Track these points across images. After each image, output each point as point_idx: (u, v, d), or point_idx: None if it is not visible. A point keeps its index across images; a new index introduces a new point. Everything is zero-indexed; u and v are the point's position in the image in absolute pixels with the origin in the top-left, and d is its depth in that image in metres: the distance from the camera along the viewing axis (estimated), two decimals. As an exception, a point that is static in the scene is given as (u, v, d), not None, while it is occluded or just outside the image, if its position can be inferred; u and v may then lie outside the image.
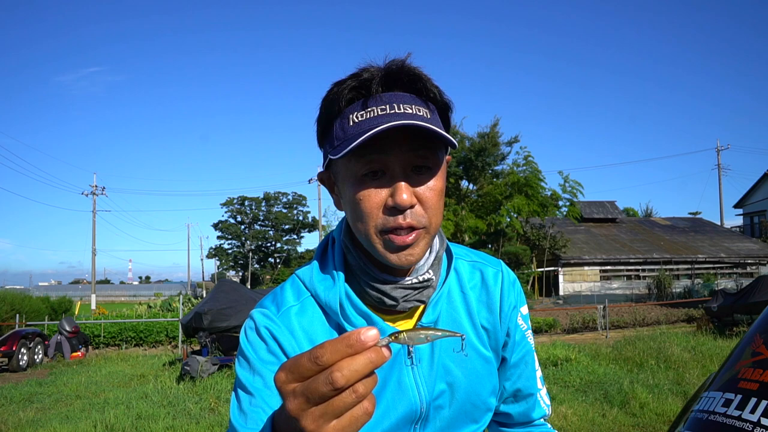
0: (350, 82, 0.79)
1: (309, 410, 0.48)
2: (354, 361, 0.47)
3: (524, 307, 1.01)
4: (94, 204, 36.63)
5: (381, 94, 0.77)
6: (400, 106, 0.76)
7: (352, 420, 0.48)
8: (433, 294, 0.86)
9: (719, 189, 36.02)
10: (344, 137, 0.77)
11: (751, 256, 24.85)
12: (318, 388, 0.47)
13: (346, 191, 0.80)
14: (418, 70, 0.80)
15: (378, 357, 0.48)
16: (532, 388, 1.01)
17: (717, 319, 11.89)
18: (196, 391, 7.43)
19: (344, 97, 0.78)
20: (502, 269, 0.98)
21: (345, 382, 0.46)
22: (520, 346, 0.98)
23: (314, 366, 0.48)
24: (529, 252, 23.69)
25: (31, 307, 17.11)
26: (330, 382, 0.46)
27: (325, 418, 0.48)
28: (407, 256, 0.78)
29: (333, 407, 0.47)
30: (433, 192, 0.79)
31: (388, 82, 0.78)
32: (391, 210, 0.76)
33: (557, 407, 5.69)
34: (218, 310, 9.23)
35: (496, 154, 24.41)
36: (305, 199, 56.17)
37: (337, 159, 0.78)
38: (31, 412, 6.74)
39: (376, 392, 0.82)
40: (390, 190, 0.76)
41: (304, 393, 0.48)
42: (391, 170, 0.76)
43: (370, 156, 0.75)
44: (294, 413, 0.48)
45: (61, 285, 65.69)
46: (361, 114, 0.76)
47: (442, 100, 0.82)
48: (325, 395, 0.47)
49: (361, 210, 0.77)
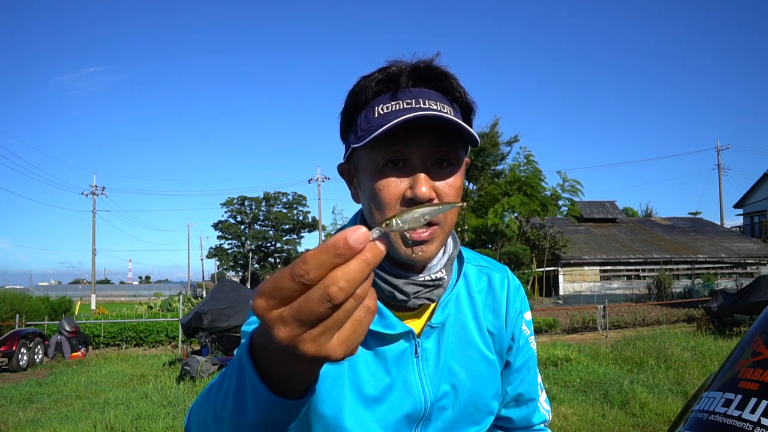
0: (378, 75, 0.79)
1: (305, 334, 0.41)
2: (348, 270, 0.40)
3: (528, 312, 1.02)
4: (94, 204, 36.65)
5: (408, 89, 0.78)
6: (426, 102, 0.77)
7: (355, 325, 0.42)
8: (443, 294, 0.86)
9: (719, 189, 36.05)
10: (369, 128, 0.77)
11: (751, 256, 24.84)
12: (313, 309, 0.40)
13: (365, 182, 0.80)
14: (445, 68, 0.80)
15: (374, 255, 0.41)
16: (534, 393, 1.01)
17: (717, 319, 11.89)
18: (196, 391, 7.43)
19: (371, 89, 0.78)
20: (508, 275, 0.99)
21: (344, 296, 0.40)
22: (524, 351, 0.99)
23: (300, 286, 0.40)
24: (529, 252, 23.68)
25: (31, 307, 17.10)
26: (327, 299, 0.39)
27: (326, 335, 0.41)
28: (422, 252, 0.77)
29: (333, 321, 0.41)
30: (452, 188, 0.79)
31: (415, 77, 0.79)
32: (409, 202, 0.76)
33: (557, 407, 5.69)
34: (218, 310, 9.23)
35: (496, 153, 24.45)
36: (305, 199, 56.28)
37: (359, 148, 0.78)
38: (31, 412, 6.73)
39: (382, 391, 0.82)
40: (410, 182, 0.76)
41: (296, 317, 0.40)
42: (412, 162, 0.77)
43: (393, 147, 0.76)
44: (288, 341, 0.41)
45: (61, 285, 65.71)
46: (387, 106, 0.77)
47: (466, 100, 0.83)
48: (322, 315, 0.40)
49: (380, 200, 0.77)
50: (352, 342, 0.42)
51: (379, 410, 0.82)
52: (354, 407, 0.81)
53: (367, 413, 0.81)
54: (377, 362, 0.83)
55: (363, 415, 0.81)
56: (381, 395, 0.82)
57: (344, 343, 0.42)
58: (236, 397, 0.53)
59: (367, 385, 0.82)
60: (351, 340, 0.42)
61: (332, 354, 0.42)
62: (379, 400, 0.82)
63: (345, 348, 0.42)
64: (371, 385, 0.82)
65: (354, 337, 0.42)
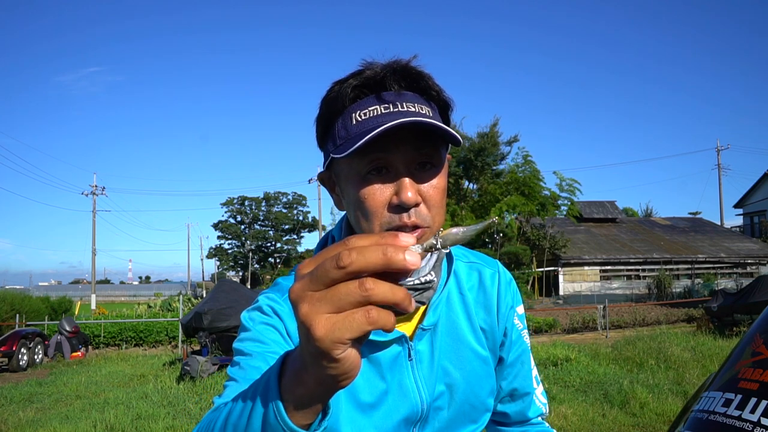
0: (352, 80, 0.78)
1: (309, 293, 0.42)
2: (366, 247, 0.42)
3: (520, 306, 1.01)
4: (94, 204, 36.66)
5: (384, 93, 0.77)
6: (404, 104, 0.76)
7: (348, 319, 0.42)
8: (433, 296, 0.86)
9: (719, 189, 36.05)
10: (347, 136, 0.76)
11: (751, 256, 24.84)
12: (324, 265, 0.42)
13: (348, 190, 0.79)
14: (420, 68, 0.79)
15: (395, 251, 0.41)
16: (528, 387, 1.01)
17: (717, 319, 11.88)
18: (196, 391, 7.43)
19: (347, 96, 0.77)
20: (499, 269, 0.99)
21: (349, 262, 0.41)
22: (517, 346, 0.99)
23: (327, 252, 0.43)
24: (529, 252, 23.68)
25: (31, 307, 17.09)
26: (335, 258, 0.41)
27: (322, 303, 0.42)
28: None
29: (332, 293, 0.42)
30: (437, 190, 0.78)
31: (390, 80, 0.77)
32: (395, 208, 0.75)
33: (557, 407, 5.69)
34: (218, 310, 9.23)
35: (495, 153, 24.45)
36: (305, 199, 56.22)
37: (339, 158, 0.77)
38: (31, 412, 6.73)
39: (378, 397, 0.82)
40: (395, 189, 0.75)
41: (312, 275, 0.43)
42: (395, 168, 0.76)
43: (374, 154, 0.74)
44: (294, 295, 0.43)
45: (61, 285, 65.65)
46: (365, 112, 0.76)
47: (443, 98, 0.82)
48: (327, 274, 0.41)
49: (366, 208, 0.76)
50: (336, 330, 0.42)
51: (376, 416, 0.82)
52: (351, 415, 0.81)
53: (364, 420, 0.81)
54: (371, 369, 0.83)
55: (360, 422, 0.81)
56: (377, 401, 0.82)
57: (330, 324, 0.42)
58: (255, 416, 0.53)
59: (362, 393, 0.82)
60: (336, 326, 0.42)
61: (315, 325, 0.42)
62: (375, 406, 0.82)
63: (327, 328, 0.42)
64: (367, 392, 0.82)
65: (339, 327, 0.42)
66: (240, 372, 0.75)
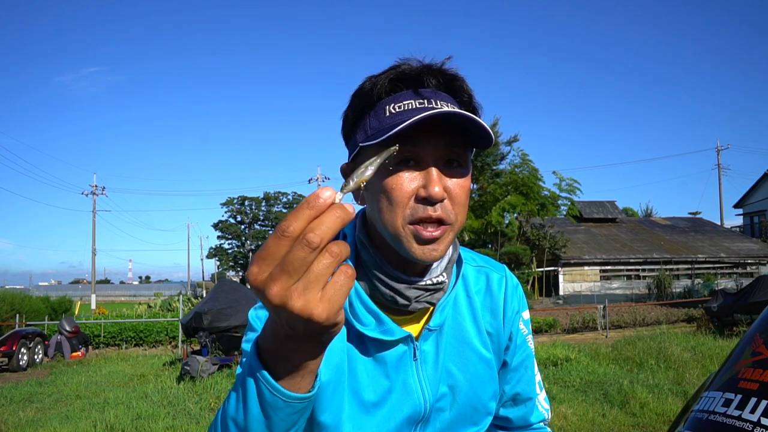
0: (389, 74, 0.79)
1: (293, 287, 0.46)
2: (322, 220, 0.46)
3: (526, 312, 1.02)
4: (94, 204, 36.66)
5: (419, 89, 0.78)
6: (438, 102, 0.77)
7: (336, 287, 0.47)
8: (442, 297, 0.86)
9: (719, 189, 36.05)
10: (380, 127, 0.77)
11: (751, 256, 24.84)
12: (296, 255, 0.45)
13: (374, 181, 0.79)
14: (455, 70, 0.81)
15: (344, 212, 0.47)
16: (531, 392, 1.01)
17: (717, 319, 11.88)
18: (196, 391, 7.43)
19: (383, 88, 0.78)
20: (506, 274, 0.99)
21: (320, 241, 0.45)
22: (521, 351, 0.99)
23: (284, 240, 0.46)
24: (529, 252, 23.68)
25: (31, 307, 17.09)
26: (306, 244, 0.45)
27: (310, 289, 0.46)
28: (432, 251, 0.77)
29: (315, 274, 0.46)
30: (463, 189, 0.79)
31: (426, 77, 0.79)
32: (422, 200, 0.75)
33: (557, 407, 5.69)
34: (218, 310, 9.23)
35: (495, 153, 24.44)
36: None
37: (367, 147, 0.78)
38: (31, 412, 6.73)
39: (382, 395, 0.83)
40: (422, 181, 0.76)
41: (284, 269, 0.45)
42: (424, 162, 0.76)
43: (405, 146, 0.75)
44: (278, 297, 0.46)
45: (61, 285, 65.62)
46: (399, 105, 0.77)
47: (473, 104, 0.83)
48: (303, 260, 0.45)
49: (393, 198, 0.76)
50: (334, 302, 0.47)
51: (379, 414, 0.82)
52: (353, 413, 0.81)
53: (366, 418, 0.82)
54: (377, 367, 0.83)
55: (363, 421, 0.81)
56: (381, 400, 0.83)
57: (326, 302, 0.46)
58: (250, 401, 0.56)
59: (366, 391, 0.82)
60: (333, 300, 0.47)
61: (316, 312, 0.46)
62: (378, 404, 0.83)
63: (327, 307, 0.47)
64: (371, 390, 0.82)
65: (335, 298, 0.47)
66: None
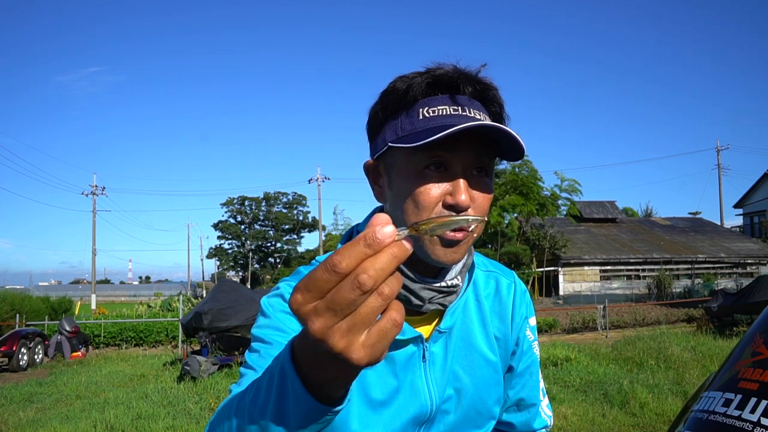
0: (426, 76, 0.79)
1: (336, 326, 0.43)
2: (377, 260, 0.42)
3: (533, 318, 1.03)
4: (94, 204, 36.65)
5: (455, 96, 0.79)
6: (471, 110, 0.78)
7: (381, 334, 0.44)
8: (454, 300, 0.87)
9: (719, 189, 36.03)
10: (413, 129, 0.77)
11: (751, 256, 24.82)
12: (344, 296, 0.42)
13: (400, 182, 0.79)
14: (489, 80, 0.82)
15: (401, 251, 0.43)
16: (535, 398, 1.02)
17: (717, 319, 11.89)
18: (196, 391, 7.43)
19: (419, 90, 0.79)
20: (515, 280, 1.00)
21: (373, 283, 0.42)
22: (527, 356, 1.00)
23: (333, 276, 0.42)
24: (529, 252, 23.68)
25: (31, 307, 17.09)
26: (357, 285, 0.42)
27: (353, 332, 0.43)
28: (453, 254, 0.77)
29: (361, 317, 0.43)
30: (486, 200, 0.80)
31: (462, 84, 0.80)
32: (449, 207, 0.76)
33: (557, 407, 5.69)
34: (218, 310, 9.23)
35: (495, 154, 24.38)
36: (305, 199, 56.15)
37: (398, 148, 0.79)
38: (31, 412, 6.74)
39: (389, 394, 0.83)
40: (450, 188, 0.76)
41: (329, 307, 0.42)
42: (453, 169, 0.77)
43: (436, 151, 0.76)
44: (320, 333, 0.43)
45: (61, 285, 65.63)
46: (434, 110, 0.77)
47: (504, 114, 0.84)
48: (352, 303, 0.42)
49: (420, 201, 0.77)
50: (376, 350, 0.44)
51: (386, 413, 0.83)
52: (361, 411, 0.81)
53: (373, 416, 0.82)
54: (386, 366, 0.84)
55: (369, 419, 0.82)
56: (388, 399, 0.83)
57: (368, 348, 0.44)
58: (278, 404, 0.54)
59: (374, 389, 0.83)
60: (375, 347, 0.44)
61: (356, 354, 0.44)
62: (386, 403, 0.83)
63: (369, 353, 0.44)
64: (379, 389, 0.83)
65: (378, 346, 0.44)
66: (259, 360, 0.75)
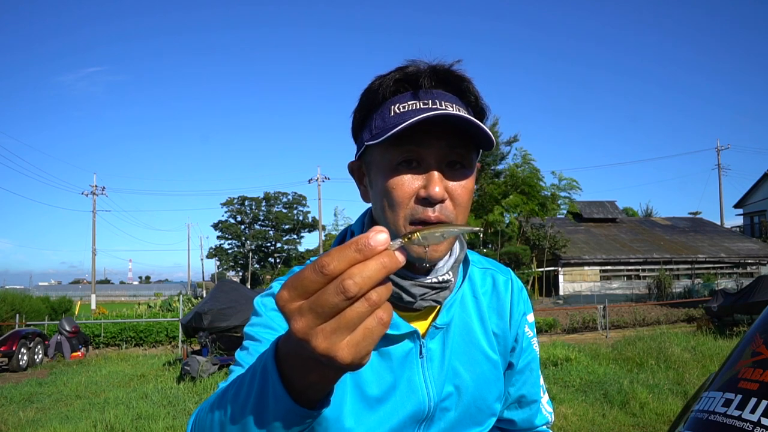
0: (395, 74, 0.80)
1: (319, 327, 0.43)
2: (365, 267, 0.42)
3: (531, 315, 1.03)
4: (94, 204, 36.63)
5: (425, 90, 0.79)
6: (443, 103, 0.77)
7: (366, 333, 0.43)
8: (449, 296, 0.87)
9: (719, 189, 36.03)
10: (384, 126, 0.77)
11: (751, 256, 24.82)
12: (328, 300, 0.42)
13: (378, 180, 0.80)
14: (462, 72, 0.82)
15: (391, 261, 0.43)
16: (536, 395, 1.02)
17: (717, 319, 11.89)
18: (196, 391, 7.43)
19: (388, 88, 0.79)
20: (512, 277, 1.00)
21: (358, 290, 0.41)
22: (527, 353, 1.00)
23: (320, 277, 0.42)
24: (529, 252, 23.66)
25: (31, 307, 17.08)
26: (341, 290, 0.41)
27: (338, 334, 0.42)
28: (432, 252, 0.77)
29: (346, 320, 0.42)
30: (465, 190, 0.79)
31: (432, 78, 0.79)
32: (422, 201, 0.76)
33: (557, 407, 5.69)
34: (218, 310, 9.22)
35: (495, 153, 24.40)
36: (305, 199, 56.15)
37: (373, 146, 0.79)
38: (31, 412, 6.73)
39: (385, 391, 0.82)
40: (423, 182, 0.76)
41: (313, 308, 0.42)
42: (426, 162, 0.77)
43: (408, 146, 0.76)
44: (302, 333, 0.43)
45: (61, 285, 65.68)
46: (403, 106, 0.78)
47: (480, 105, 0.84)
48: (336, 306, 0.42)
49: (393, 198, 0.77)
50: (361, 349, 0.44)
51: (382, 410, 0.82)
52: (355, 408, 0.81)
53: (369, 414, 0.81)
54: (381, 362, 0.83)
55: (365, 417, 0.81)
56: (384, 395, 0.82)
57: (353, 347, 0.43)
58: (257, 402, 0.54)
59: (370, 386, 0.82)
60: (360, 346, 0.43)
61: (340, 355, 0.43)
62: (382, 400, 0.82)
63: (353, 352, 0.43)
64: (375, 385, 0.82)
65: (363, 345, 0.43)
66: (248, 357, 0.75)
